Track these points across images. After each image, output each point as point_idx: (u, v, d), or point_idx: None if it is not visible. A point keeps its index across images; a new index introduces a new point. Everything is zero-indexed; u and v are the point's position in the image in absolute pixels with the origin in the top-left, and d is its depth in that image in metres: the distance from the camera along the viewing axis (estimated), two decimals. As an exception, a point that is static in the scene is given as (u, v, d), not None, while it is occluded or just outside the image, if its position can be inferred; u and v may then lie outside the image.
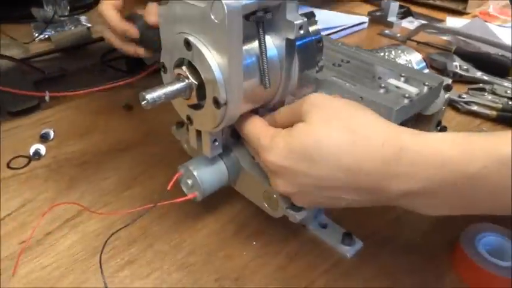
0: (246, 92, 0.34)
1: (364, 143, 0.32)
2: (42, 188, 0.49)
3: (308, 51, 0.38)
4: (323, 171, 0.32)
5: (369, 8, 1.07)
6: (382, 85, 0.45)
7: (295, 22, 0.33)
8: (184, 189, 0.41)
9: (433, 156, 0.31)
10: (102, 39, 0.74)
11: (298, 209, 0.37)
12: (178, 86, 0.34)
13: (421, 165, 0.31)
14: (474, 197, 0.30)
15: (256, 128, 0.36)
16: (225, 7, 0.29)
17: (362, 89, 0.45)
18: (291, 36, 0.34)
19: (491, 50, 0.77)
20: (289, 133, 0.33)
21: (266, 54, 0.34)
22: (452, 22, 1.01)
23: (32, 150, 0.53)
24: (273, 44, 0.35)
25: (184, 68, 0.34)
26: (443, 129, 0.59)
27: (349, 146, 0.32)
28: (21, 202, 0.47)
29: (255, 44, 0.34)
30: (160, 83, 0.35)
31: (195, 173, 0.39)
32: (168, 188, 0.39)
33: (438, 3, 1.11)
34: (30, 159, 0.53)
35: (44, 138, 0.56)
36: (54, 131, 0.57)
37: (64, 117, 0.61)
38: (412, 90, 0.46)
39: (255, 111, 0.38)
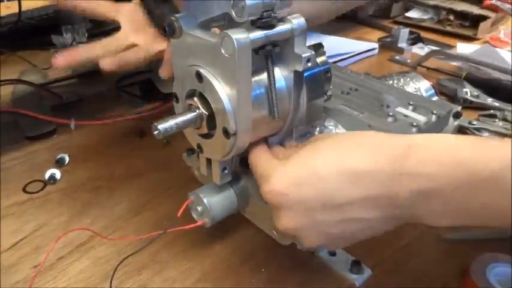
0: (254, 122, 0.35)
1: (369, 144, 0.31)
2: (56, 212, 0.50)
3: (316, 81, 0.39)
4: (327, 183, 0.30)
5: (379, 34, 1.09)
6: (391, 113, 0.46)
7: (303, 55, 0.34)
8: (194, 215, 0.42)
9: (447, 155, 0.28)
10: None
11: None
12: (189, 116, 0.35)
13: (434, 164, 0.28)
14: (489, 201, 0.28)
15: (259, 159, 0.36)
16: (235, 42, 0.30)
17: (370, 117, 0.45)
18: (299, 69, 0.35)
19: (502, 76, 0.78)
20: (287, 160, 0.33)
21: (275, 85, 0.35)
22: (463, 48, 1.02)
23: (47, 175, 0.54)
24: (282, 75, 0.36)
25: (195, 98, 0.35)
26: (454, 156, 0.59)
27: (352, 149, 0.31)
28: (35, 226, 0.48)
29: (264, 76, 0.35)
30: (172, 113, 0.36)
31: (204, 200, 0.40)
32: (178, 214, 0.40)
33: (449, 29, 1.11)
34: (45, 183, 0.54)
35: (59, 163, 0.57)
36: (69, 156, 0.58)
37: (79, 142, 0.62)
38: (421, 118, 0.46)
39: (265, 140, 0.39)
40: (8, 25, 1.04)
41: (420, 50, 0.99)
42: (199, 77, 0.34)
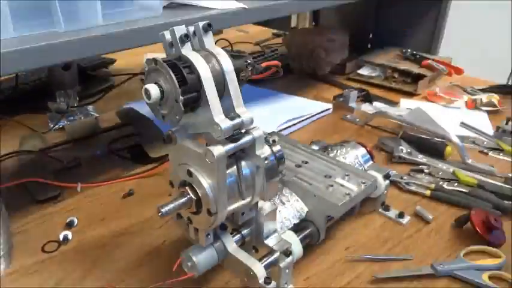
0: (228, 203, 0.49)
1: None
2: (71, 268, 0.62)
3: (272, 167, 0.54)
4: None
5: (335, 91, 1.27)
6: (331, 184, 0.61)
7: (261, 156, 0.49)
8: (185, 269, 0.55)
9: None
10: (108, 129, 0.90)
11: (268, 282, 0.52)
12: (183, 200, 0.49)
13: None
14: None
15: None
16: (215, 155, 0.45)
17: (315, 188, 0.61)
18: (261, 165, 0.50)
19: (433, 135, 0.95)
20: None
21: (242, 175, 0.50)
22: (405, 103, 1.20)
23: (61, 236, 0.67)
24: (247, 168, 0.51)
25: (187, 187, 0.49)
26: (387, 208, 0.75)
27: None
28: (56, 281, 0.60)
29: (234, 168, 0.50)
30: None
31: (193, 258, 0.53)
32: (173, 269, 0.53)
33: (394, 85, 1.30)
34: (59, 243, 0.66)
35: (69, 226, 0.70)
36: (77, 218, 0.71)
37: (84, 205, 0.75)
38: (353, 187, 0.62)
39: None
40: (5, 91, 1.16)
41: (369, 106, 1.17)
42: (190, 173, 0.48)
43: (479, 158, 0.92)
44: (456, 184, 0.81)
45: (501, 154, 0.94)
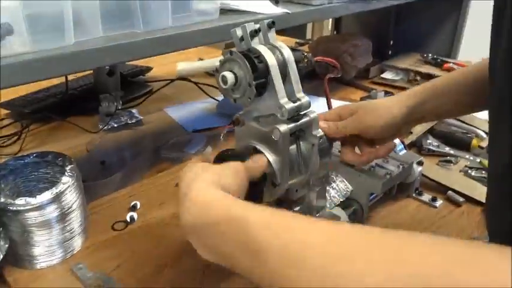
0: (290, 177, 0.56)
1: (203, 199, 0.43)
2: (140, 243, 0.70)
3: (325, 147, 0.61)
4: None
5: (361, 93, 1.34)
6: (372, 165, 0.68)
7: (317, 135, 0.56)
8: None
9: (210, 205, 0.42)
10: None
11: None
12: (249, 174, 0.56)
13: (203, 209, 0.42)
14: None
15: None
16: (281, 131, 0.52)
17: (358, 169, 0.68)
18: (315, 143, 0.57)
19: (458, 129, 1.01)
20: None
21: (301, 152, 0.57)
22: (428, 104, 1.26)
23: (128, 217, 0.74)
24: (304, 146, 0.58)
25: (252, 163, 0.57)
26: (420, 193, 0.82)
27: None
28: (130, 252, 0.67)
29: (294, 146, 0.57)
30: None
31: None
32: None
33: (416, 87, 1.37)
34: (127, 223, 0.74)
35: (133, 208, 0.77)
36: (139, 203, 0.78)
37: (144, 191, 0.83)
38: (393, 168, 0.68)
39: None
40: (57, 95, 1.26)
41: (394, 106, 1.23)
42: (256, 150, 0.56)
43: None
44: (483, 172, 0.87)
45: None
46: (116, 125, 1.14)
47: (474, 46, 1.80)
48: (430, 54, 1.46)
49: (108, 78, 1.27)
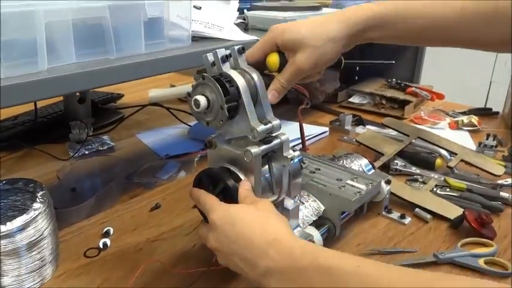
0: (261, 197, 0.58)
1: (260, 223, 0.51)
2: (114, 269, 0.69)
3: (296, 168, 0.63)
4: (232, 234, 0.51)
5: (330, 117, 1.38)
6: (343, 185, 0.71)
7: (288, 157, 0.58)
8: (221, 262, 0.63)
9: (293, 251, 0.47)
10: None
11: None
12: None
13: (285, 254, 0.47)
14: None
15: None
16: (253, 153, 0.54)
17: (329, 188, 0.70)
18: (287, 165, 0.59)
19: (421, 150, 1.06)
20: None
21: (273, 173, 0.58)
22: (394, 126, 1.31)
23: (101, 244, 0.73)
24: (276, 168, 0.60)
25: (226, 184, 0.58)
26: (390, 211, 0.84)
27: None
28: (102, 279, 0.66)
29: (266, 167, 0.59)
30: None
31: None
32: (213, 260, 0.61)
33: (383, 111, 1.42)
34: (100, 250, 0.73)
35: (106, 234, 0.76)
36: (113, 229, 0.78)
37: (115, 218, 0.82)
38: (362, 187, 0.71)
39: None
40: (25, 123, 1.24)
41: (362, 129, 1.28)
42: (230, 172, 0.57)
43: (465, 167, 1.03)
44: (448, 189, 0.90)
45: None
46: (87, 152, 1.13)
47: (435, 71, 1.90)
48: (394, 79, 1.53)
49: (79, 106, 1.26)
